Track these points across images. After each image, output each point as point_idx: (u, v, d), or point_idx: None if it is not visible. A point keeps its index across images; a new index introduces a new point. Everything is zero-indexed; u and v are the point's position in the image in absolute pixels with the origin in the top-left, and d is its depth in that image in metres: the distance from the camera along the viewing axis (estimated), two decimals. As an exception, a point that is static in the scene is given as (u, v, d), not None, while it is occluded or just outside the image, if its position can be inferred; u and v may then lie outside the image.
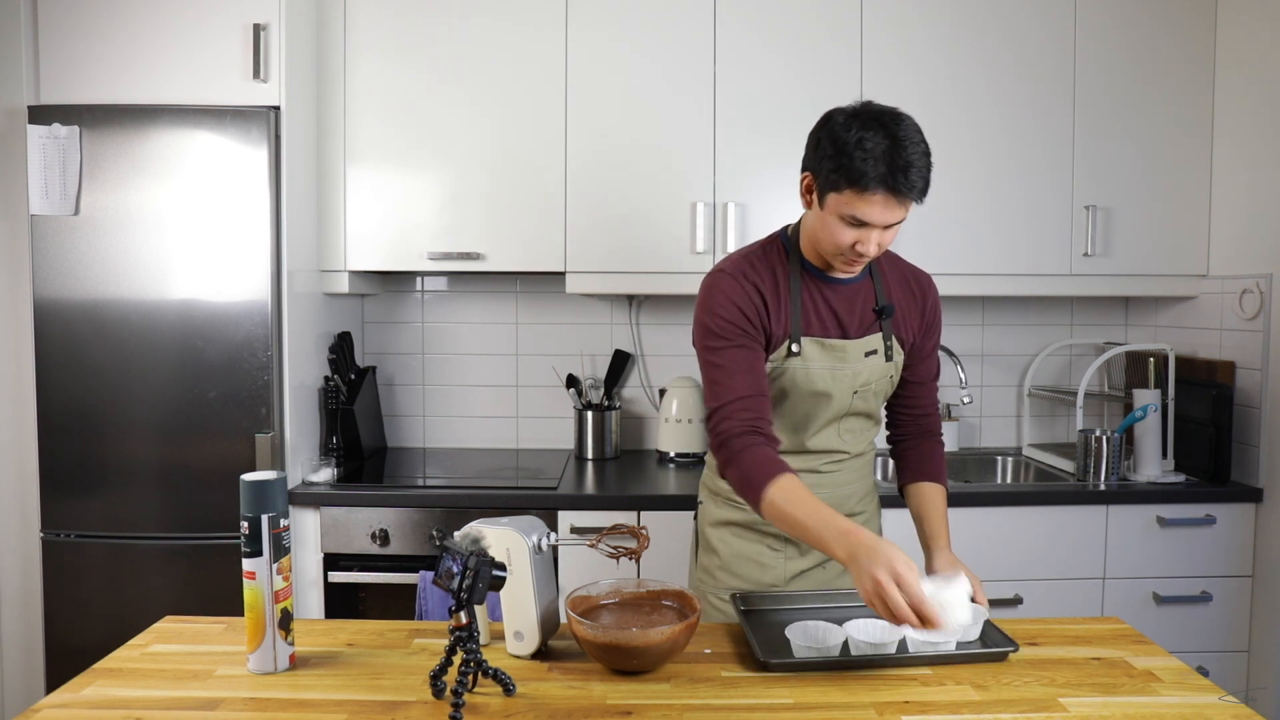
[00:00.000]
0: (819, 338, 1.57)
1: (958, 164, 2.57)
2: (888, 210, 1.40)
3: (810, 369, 1.56)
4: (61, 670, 2.21)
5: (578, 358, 2.95)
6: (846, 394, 1.59)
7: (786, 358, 1.56)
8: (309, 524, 2.36)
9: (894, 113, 1.41)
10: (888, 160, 1.36)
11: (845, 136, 1.39)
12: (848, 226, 1.44)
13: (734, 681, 1.28)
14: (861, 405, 1.62)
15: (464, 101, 2.54)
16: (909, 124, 1.41)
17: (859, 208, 1.40)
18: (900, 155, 1.36)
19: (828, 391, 1.57)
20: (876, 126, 1.38)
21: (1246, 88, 2.50)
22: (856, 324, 1.59)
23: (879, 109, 1.42)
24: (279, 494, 1.30)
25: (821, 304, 1.58)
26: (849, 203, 1.40)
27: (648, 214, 2.55)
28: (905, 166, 1.37)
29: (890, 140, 1.37)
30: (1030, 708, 1.20)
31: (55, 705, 1.20)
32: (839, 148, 1.39)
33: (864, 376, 1.59)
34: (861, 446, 1.69)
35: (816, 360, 1.56)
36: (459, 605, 1.20)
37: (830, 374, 1.57)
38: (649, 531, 1.38)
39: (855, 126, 1.39)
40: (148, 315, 2.28)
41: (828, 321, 1.57)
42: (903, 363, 1.65)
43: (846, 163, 1.38)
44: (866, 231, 1.43)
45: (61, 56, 2.28)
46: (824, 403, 1.59)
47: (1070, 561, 2.38)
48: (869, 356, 1.59)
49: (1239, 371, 2.49)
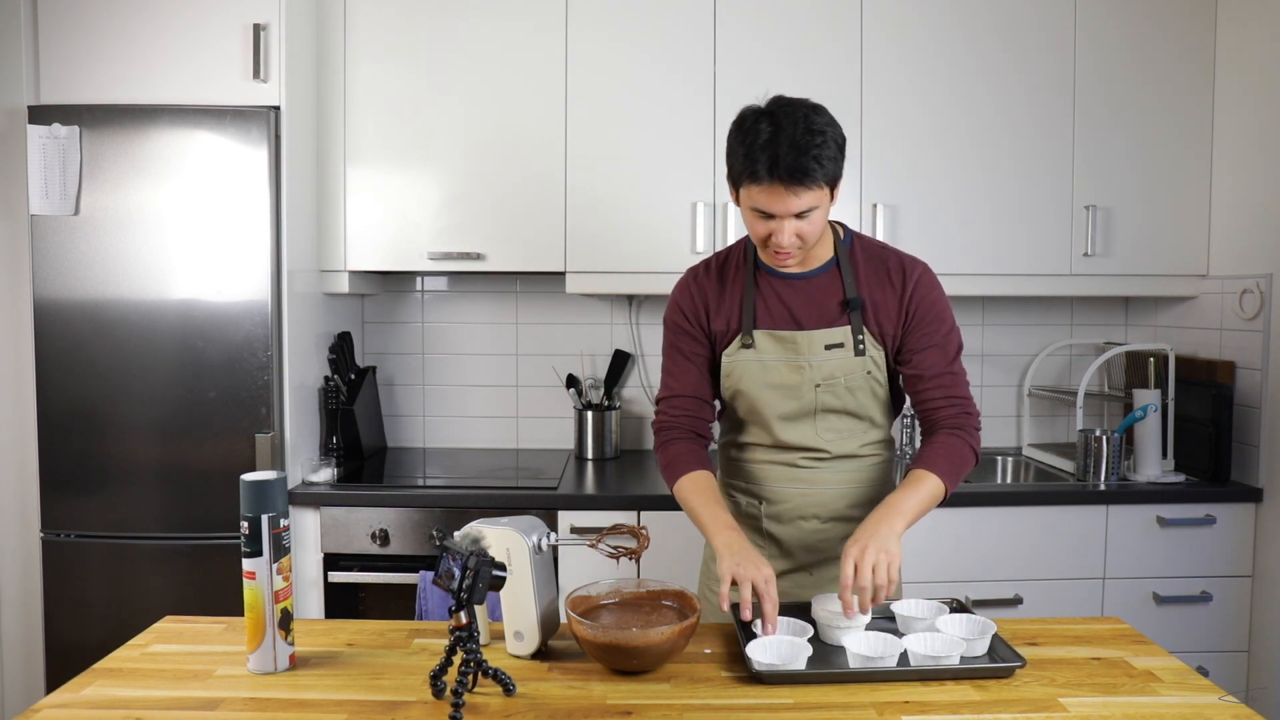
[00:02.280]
0: (770, 330, 1.58)
1: (958, 164, 2.57)
2: (784, 199, 1.43)
3: (765, 361, 1.58)
4: (61, 670, 2.21)
5: (578, 358, 2.95)
6: (808, 387, 1.57)
7: (740, 350, 1.59)
8: (309, 524, 2.36)
9: (795, 103, 1.44)
10: (770, 149, 1.40)
11: (741, 130, 1.45)
12: (759, 219, 1.48)
13: (734, 681, 1.28)
14: (834, 401, 1.58)
15: (464, 101, 2.54)
16: (805, 112, 1.42)
17: (759, 199, 1.45)
18: (786, 144, 1.39)
19: (785, 383, 1.58)
20: (768, 118, 1.42)
21: (1246, 88, 2.50)
22: (815, 317, 1.58)
23: (782, 100, 1.46)
24: (279, 494, 1.30)
25: (774, 299, 1.60)
26: (752, 195, 1.46)
27: (648, 214, 2.56)
28: (793, 154, 1.39)
29: (774, 128, 1.41)
30: (1030, 708, 1.20)
31: (55, 705, 1.20)
32: (739, 141, 1.45)
33: (826, 370, 1.57)
34: (847, 447, 1.62)
35: (771, 353, 1.58)
36: (459, 605, 1.20)
37: (786, 366, 1.57)
38: (649, 531, 1.39)
39: (750, 120, 1.44)
40: (148, 315, 2.28)
41: (779, 315, 1.59)
42: (890, 357, 1.59)
43: (742, 154, 1.44)
44: (777, 223, 1.46)
45: (61, 56, 2.28)
46: (784, 395, 1.58)
47: (1070, 561, 2.38)
48: (830, 349, 1.56)
49: (1239, 371, 2.49)
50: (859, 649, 1.30)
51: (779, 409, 1.59)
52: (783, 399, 1.59)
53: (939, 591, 1.76)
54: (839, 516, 1.64)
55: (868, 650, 1.30)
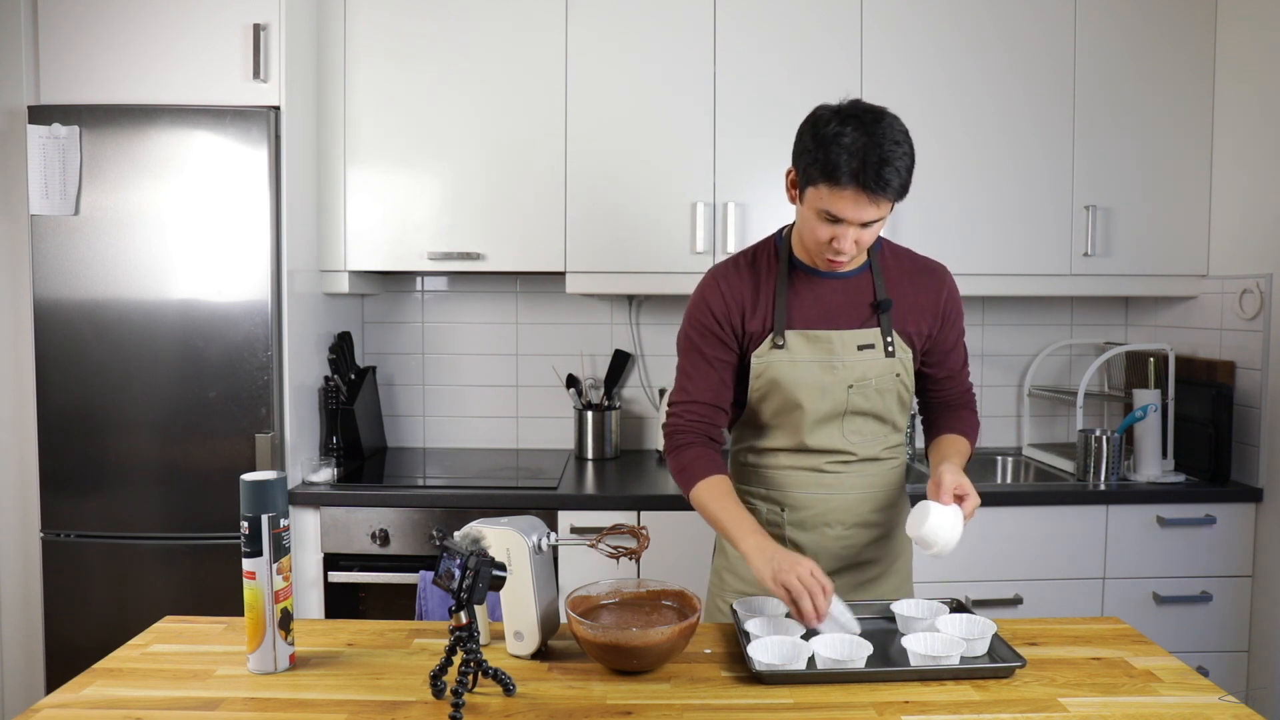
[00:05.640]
0: (803, 330, 1.57)
1: (958, 164, 2.57)
2: (860, 207, 1.41)
3: (798, 362, 1.57)
4: (61, 670, 2.21)
5: (578, 358, 2.95)
6: (840, 388, 1.57)
7: (771, 350, 1.57)
8: (309, 524, 2.36)
9: (877, 111, 1.42)
10: (861, 156, 1.38)
11: (824, 131, 1.41)
12: (824, 222, 1.46)
13: (734, 681, 1.28)
14: (864, 403, 1.59)
15: (464, 101, 2.54)
16: (890, 122, 1.41)
17: (832, 203, 1.42)
18: (874, 152, 1.38)
19: (818, 385, 1.57)
20: (855, 123, 1.40)
21: (1246, 88, 2.50)
22: (848, 317, 1.58)
23: (864, 107, 1.43)
24: (279, 494, 1.30)
25: (809, 298, 1.59)
26: (823, 197, 1.43)
27: (648, 214, 2.56)
28: (878, 163, 1.38)
29: (866, 137, 1.38)
30: (1030, 708, 1.20)
31: (55, 705, 1.20)
32: (817, 142, 1.42)
33: (859, 371, 1.57)
34: (871, 450, 1.63)
35: (804, 353, 1.57)
36: (459, 605, 1.20)
37: (819, 367, 1.57)
38: (649, 531, 1.39)
39: (835, 122, 1.41)
40: (148, 315, 2.28)
41: (813, 315, 1.58)
42: (919, 358, 1.63)
43: (822, 157, 1.40)
44: (843, 228, 1.45)
45: (61, 56, 2.28)
46: (817, 397, 1.57)
47: (1070, 561, 2.38)
48: (863, 350, 1.57)
49: (1239, 371, 2.49)
50: (827, 652, 1.29)
51: (811, 410, 1.58)
52: (815, 400, 1.58)
53: (939, 591, 1.76)
54: (861, 522, 1.64)
55: (835, 653, 1.29)
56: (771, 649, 1.31)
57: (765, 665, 1.28)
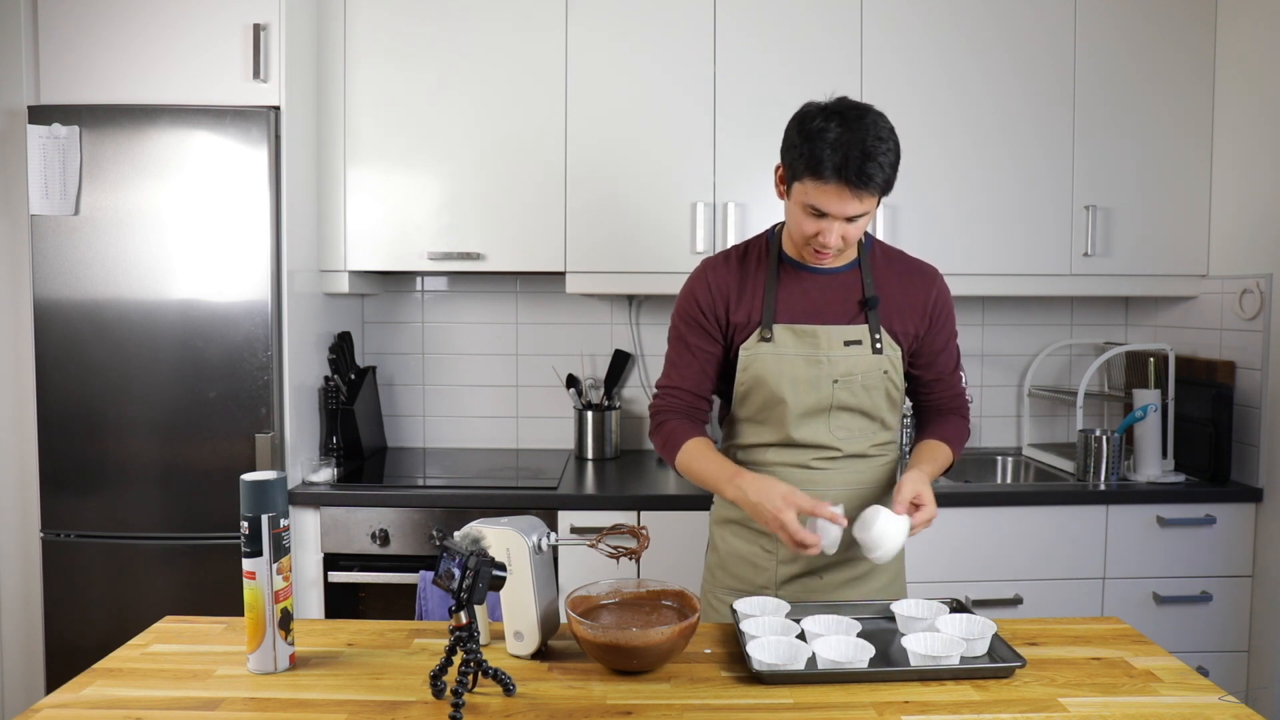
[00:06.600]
0: (790, 324, 1.59)
1: (958, 164, 2.57)
2: (844, 201, 1.44)
3: (783, 355, 1.59)
4: (61, 670, 2.21)
5: (578, 358, 2.95)
6: (825, 383, 1.58)
7: (759, 342, 1.60)
8: (309, 524, 2.36)
9: (862, 108, 1.46)
10: (845, 151, 1.41)
11: (810, 127, 1.45)
12: (809, 216, 1.49)
13: (734, 681, 1.28)
14: (850, 399, 1.60)
15: (464, 101, 2.54)
16: (874, 119, 1.44)
17: (817, 197, 1.45)
18: (858, 147, 1.41)
19: (803, 378, 1.58)
20: (839, 119, 1.43)
21: (1246, 88, 2.50)
22: (835, 313, 1.60)
23: (849, 104, 1.46)
24: (279, 494, 1.30)
25: (797, 293, 1.61)
26: (808, 192, 1.46)
27: (647, 214, 2.56)
28: (861, 158, 1.41)
29: (850, 132, 1.42)
30: (1030, 708, 1.20)
31: (55, 705, 1.20)
32: (803, 137, 1.45)
33: (844, 366, 1.58)
34: (858, 447, 1.64)
35: (790, 347, 1.59)
36: (459, 605, 1.20)
37: (805, 360, 1.58)
38: (649, 531, 1.38)
39: (820, 118, 1.45)
40: (148, 315, 2.28)
41: (800, 309, 1.60)
42: (907, 358, 1.64)
43: (807, 152, 1.44)
44: (828, 222, 1.48)
45: (61, 56, 2.28)
46: (801, 390, 1.58)
47: (1070, 561, 2.38)
48: (849, 346, 1.58)
49: (1239, 371, 2.49)
50: (828, 652, 1.29)
51: (796, 404, 1.59)
52: (800, 393, 1.59)
53: (939, 591, 1.77)
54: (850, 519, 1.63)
55: (835, 654, 1.29)
56: (771, 649, 1.30)
57: (765, 665, 1.28)
